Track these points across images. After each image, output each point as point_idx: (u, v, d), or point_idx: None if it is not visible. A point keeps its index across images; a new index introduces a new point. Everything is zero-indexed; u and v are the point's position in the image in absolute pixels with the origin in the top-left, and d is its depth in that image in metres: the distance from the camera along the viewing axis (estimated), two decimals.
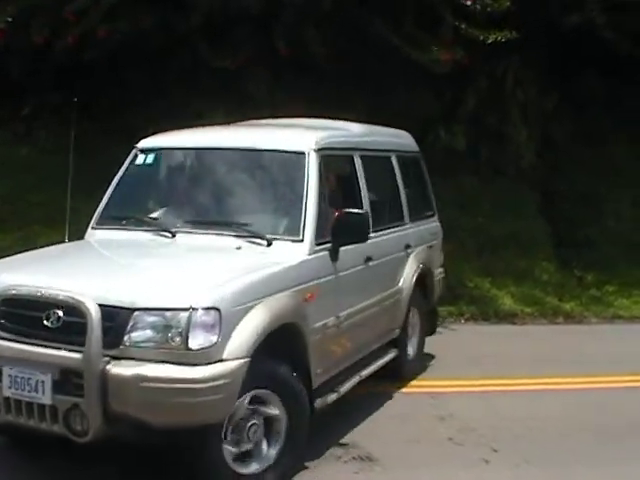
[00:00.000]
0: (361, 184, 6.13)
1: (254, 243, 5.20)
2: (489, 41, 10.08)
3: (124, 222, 5.66)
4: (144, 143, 6.07)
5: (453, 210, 10.80)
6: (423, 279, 7.25)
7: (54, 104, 10.89)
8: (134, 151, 6.04)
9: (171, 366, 4.24)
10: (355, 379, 5.90)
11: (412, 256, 7.01)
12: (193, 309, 4.26)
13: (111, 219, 5.75)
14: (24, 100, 11.01)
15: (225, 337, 4.35)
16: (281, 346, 4.78)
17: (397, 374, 7.01)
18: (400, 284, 6.80)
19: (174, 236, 5.39)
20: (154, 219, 5.61)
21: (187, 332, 4.23)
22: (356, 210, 5.58)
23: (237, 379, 4.37)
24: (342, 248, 5.48)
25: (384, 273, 6.47)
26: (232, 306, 4.43)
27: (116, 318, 4.30)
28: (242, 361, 4.39)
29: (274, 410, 4.78)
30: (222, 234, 5.29)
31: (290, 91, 10.31)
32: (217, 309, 4.33)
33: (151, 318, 4.30)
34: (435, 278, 7.69)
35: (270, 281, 4.86)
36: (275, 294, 4.79)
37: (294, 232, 5.25)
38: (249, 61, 10.11)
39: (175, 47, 10.36)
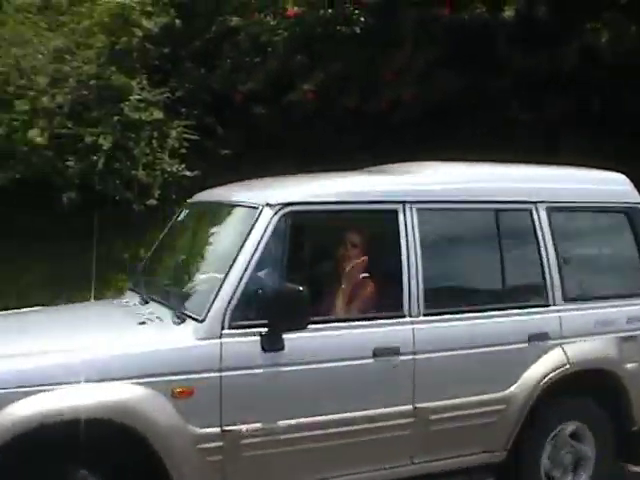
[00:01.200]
0: (407, 248, 4.71)
1: (171, 319, 4.40)
2: None
3: (138, 285, 5.24)
4: (192, 198, 5.62)
5: None
6: (599, 385, 5.30)
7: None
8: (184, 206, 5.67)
9: None
10: None
11: (553, 351, 5.06)
12: None
13: (138, 280, 5.34)
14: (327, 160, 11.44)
15: None
16: (90, 449, 3.87)
17: None
18: (507, 389, 4.92)
19: (147, 303, 4.81)
20: (147, 283, 5.12)
21: None
22: (292, 285, 4.29)
23: None
24: (310, 334, 4.32)
25: (442, 372, 4.74)
26: None
27: None
28: None
29: None
30: (165, 305, 4.60)
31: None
32: None
33: None
34: None
35: (86, 367, 3.96)
36: (94, 382, 3.91)
37: (199, 309, 4.28)
38: (560, 118, 9.92)
39: (482, 105, 10.37)
